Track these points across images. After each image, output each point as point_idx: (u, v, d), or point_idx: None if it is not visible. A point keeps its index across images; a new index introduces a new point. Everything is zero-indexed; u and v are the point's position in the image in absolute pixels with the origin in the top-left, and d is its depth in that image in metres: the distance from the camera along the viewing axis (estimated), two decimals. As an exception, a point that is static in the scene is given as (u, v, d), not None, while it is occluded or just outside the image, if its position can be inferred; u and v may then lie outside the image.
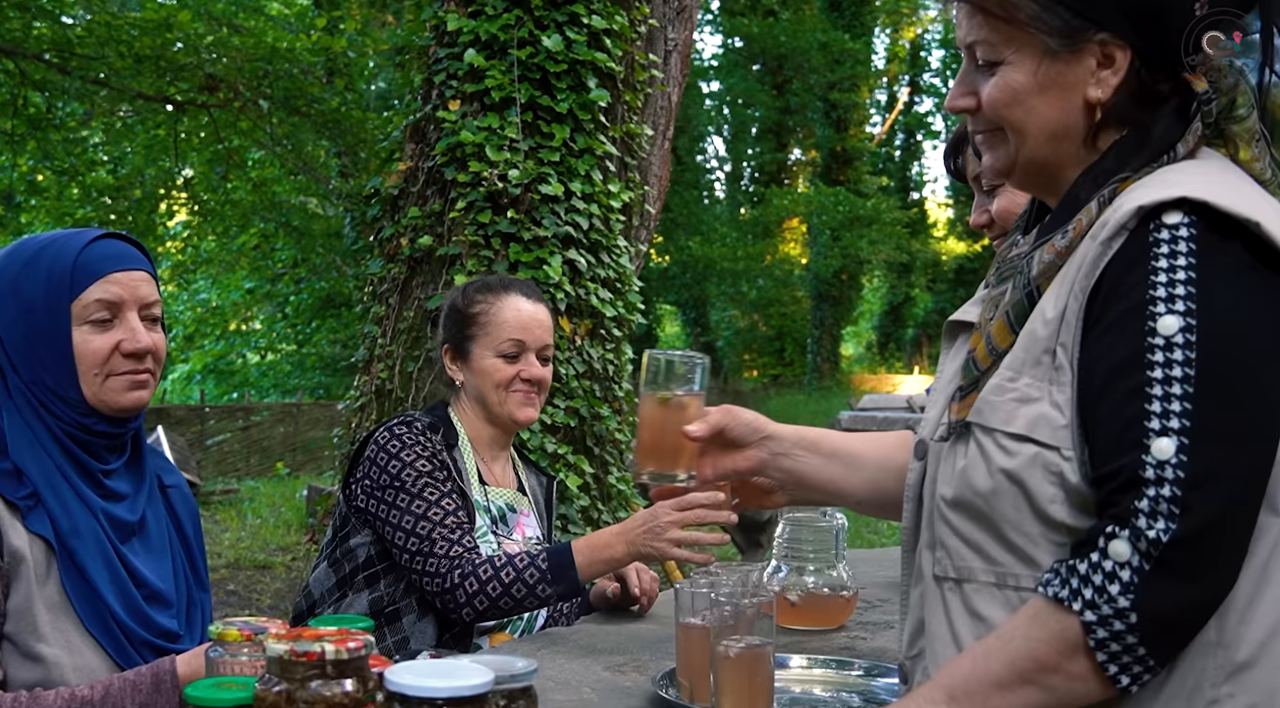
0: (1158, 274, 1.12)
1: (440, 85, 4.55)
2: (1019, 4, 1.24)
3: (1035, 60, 1.25)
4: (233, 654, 1.31)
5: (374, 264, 4.69)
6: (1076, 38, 1.22)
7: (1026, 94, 1.26)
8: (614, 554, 2.14)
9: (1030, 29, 1.24)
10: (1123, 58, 1.22)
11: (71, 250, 1.72)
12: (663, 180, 5.42)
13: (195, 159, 12.72)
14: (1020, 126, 1.28)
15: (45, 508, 1.66)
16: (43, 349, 1.70)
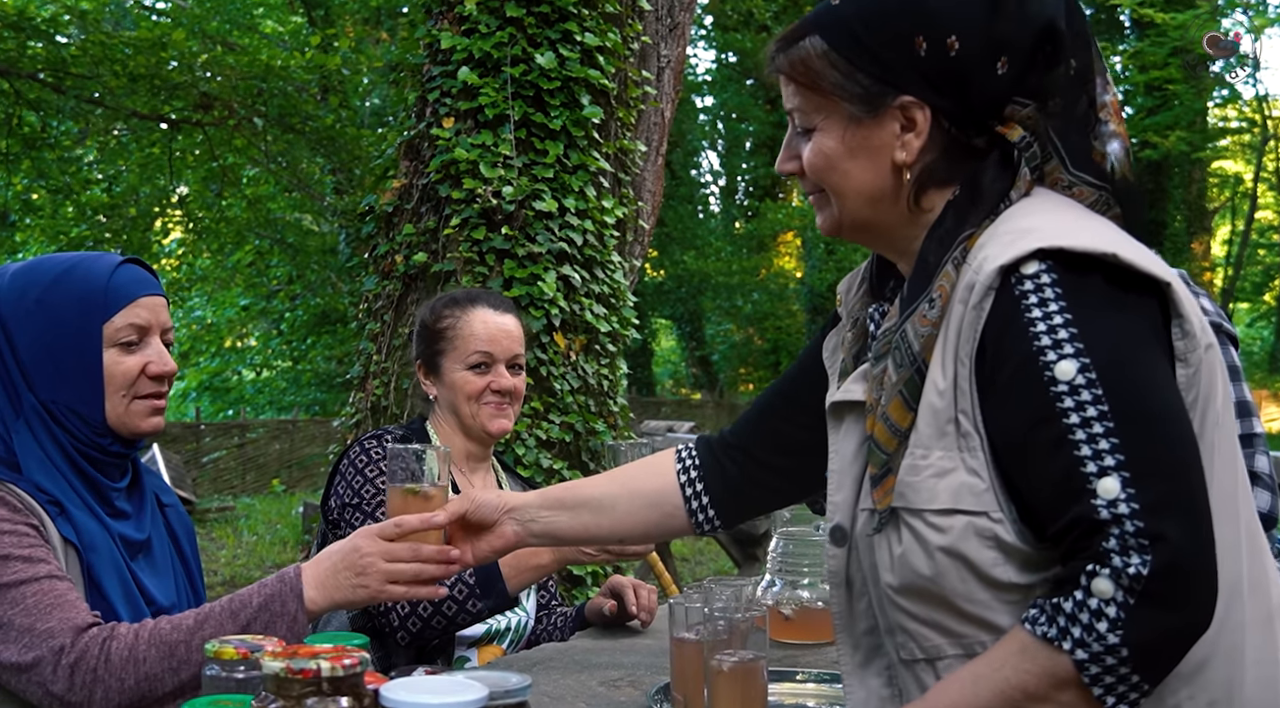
0: (1036, 324, 1.15)
1: (434, 103, 4.56)
2: (822, 73, 1.29)
3: (842, 126, 1.30)
4: (228, 672, 1.31)
5: (369, 281, 4.70)
6: (876, 103, 1.27)
7: (838, 159, 1.31)
8: (540, 561, 2.17)
9: (834, 97, 1.29)
10: (924, 119, 1.26)
11: (102, 273, 1.75)
12: (656, 196, 5.44)
13: (190, 177, 12.74)
14: (837, 189, 1.33)
15: (69, 518, 1.69)
16: (68, 368, 1.72)
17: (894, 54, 1.25)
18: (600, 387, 4.54)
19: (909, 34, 1.25)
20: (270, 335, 20.65)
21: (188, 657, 1.56)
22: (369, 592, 1.64)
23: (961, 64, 1.24)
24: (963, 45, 1.24)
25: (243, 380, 21.60)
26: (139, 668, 1.54)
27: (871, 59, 1.26)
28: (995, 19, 1.23)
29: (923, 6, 1.25)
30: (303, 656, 1.17)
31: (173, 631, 1.57)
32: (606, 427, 4.52)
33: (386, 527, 1.65)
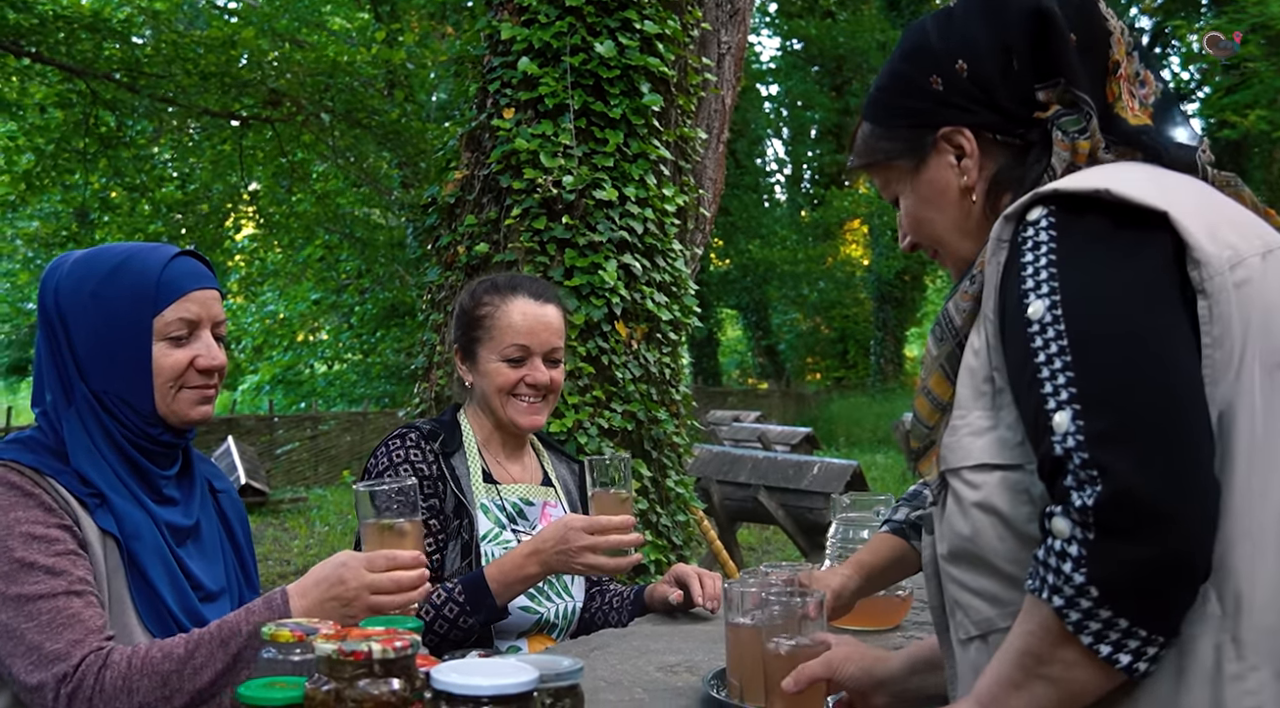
0: (1025, 268, 1.17)
1: (495, 94, 4.58)
2: (876, 148, 1.41)
3: (910, 184, 1.39)
4: (285, 655, 1.33)
5: (432, 272, 4.74)
6: (920, 146, 1.36)
7: (921, 211, 1.40)
8: (528, 574, 2.16)
9: (892, 163, 1.40)
10: (969, 141, 1.34)
11: (154, 267, 1.77)
12: (717, 183, 5.42)
13: (260, 173, 12.96)
14: (935, 239, 1.41)
15: (110, 508, 1.71)
16: (120, 360, 1.75)
17: (917, 100, 1.35)
18: (662, 375, 4.53)
19: (923, 78, 1.35)
20: (341, 329, 20.95)
21: (180, 685, 1.57)
22: (351, 620, 1.65)
23: (977, 80, 1.32)
24: (971, 65, 1.32)
25: (314, 373, 21.94)
26: (132, 698, 1.55)
27: (901, 113, 1.37)
28: (987, 29, 1.32)
29: (924, 50, 1.36)
30: (355, 638, 1.19)
31: (164, 660, 1.58)
32: (669, 415, 4.51)
33: (375, 559, 1.68)
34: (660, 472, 4.50)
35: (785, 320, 32.31)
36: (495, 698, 1.11)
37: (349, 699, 1.16)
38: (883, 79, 1.41)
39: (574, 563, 2.13)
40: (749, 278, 27.23)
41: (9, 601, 1.60)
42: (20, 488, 1.67)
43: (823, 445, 15.14)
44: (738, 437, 12.69)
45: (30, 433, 1.78)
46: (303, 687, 1.20)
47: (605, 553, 2.12)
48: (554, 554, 2.13)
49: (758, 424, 14.62)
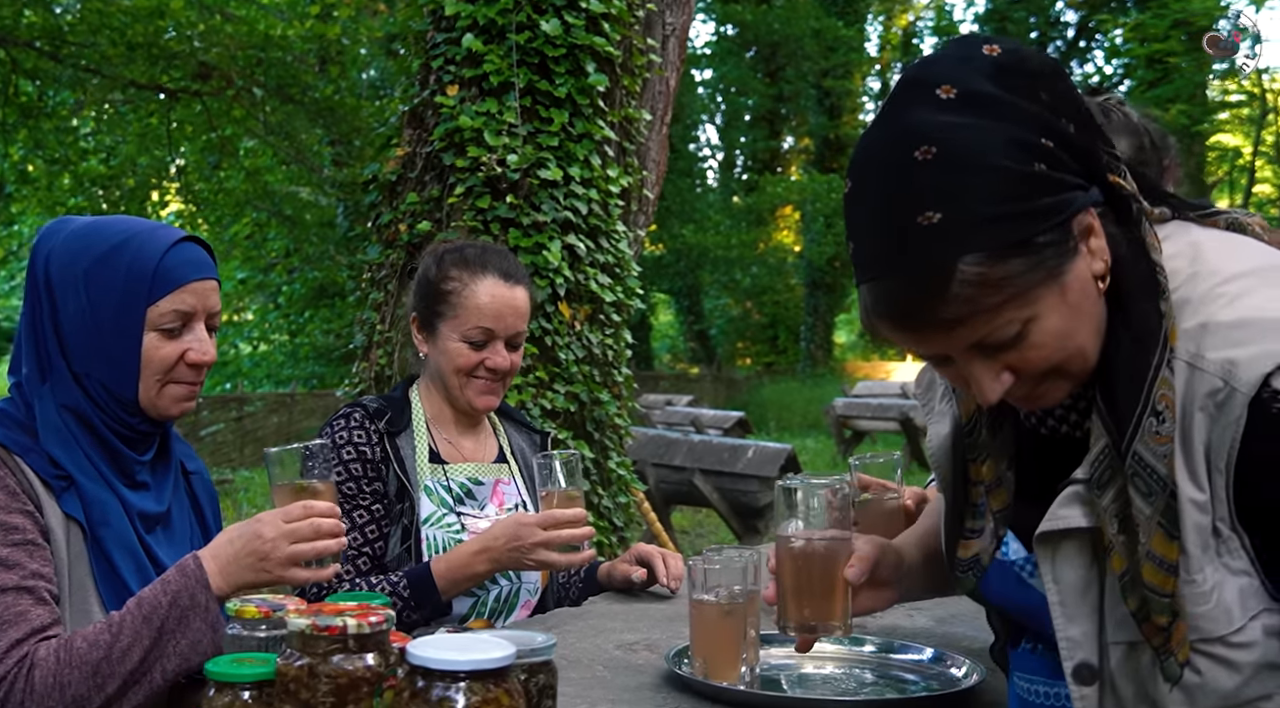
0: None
1: (438, 70, 4.52)
2: (1003, 277, 1.12)
3: (1056, 293, 1.15)
4: (250, 631, 1.31)
5: (372, 250, 4.67)
6: (1063, 242, 1.14)
7: (1072, 325, 1.17)
8: (476, 571, 2.13)
9: (1028, 281, 1.13)
10: (1094, 218, 1.17)
11: (153, 253, 1.70)
12: (660, 165, 5.41)
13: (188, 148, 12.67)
14: (1078, 352, 1.19)
15: (78, 492, 1.66)
16: (107, 347, 1.69)
17: (1037, 196, 1.12)
18: (605, 356, 4.52)
19: (1026, 171, 1.12)
20: (268, 309, 20.60)
21: (110, 671, 1.53)
22: (272, 576, 1.63)
23: (1065, 152, 1.14)
24: (1052, 139, 1.14)
25: (240, 354, 21.56)
26: (64, 693, 1.50)
27: (1031, 218, 1.12)
28: (1032, 101, 1.14)
29: (1005, 143, 1.12)
30: (328, 613, 1.17)
31: (91, 649, 1.53)
32: (611, 397, 4.51)
33: (292, 509, 1.64)
34: (602, 453, 4.50)
35: (717, 305, 32.45)
36: (473, 673, 1.10)
37: (323, 675, 1.14)
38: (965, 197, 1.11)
39: (526, 559, 2.10)
40: (682, 262, 27.29)
41: None
42: None
43: (754, 430, 15.24)
44: (670, 420, 12.74)
45: (2, 405, 1.71)
46: (273, 663, 1.18)
47: (558, 549, 2.09)
48: (505, 551, 2.10)
49: (690, 408, 14.68)
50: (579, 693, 1.60)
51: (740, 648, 1.67)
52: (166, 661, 1.55)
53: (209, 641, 1.58)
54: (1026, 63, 1.17)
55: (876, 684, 1.74)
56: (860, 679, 1.76)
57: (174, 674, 1.57)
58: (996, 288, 1.11)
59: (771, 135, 31.29)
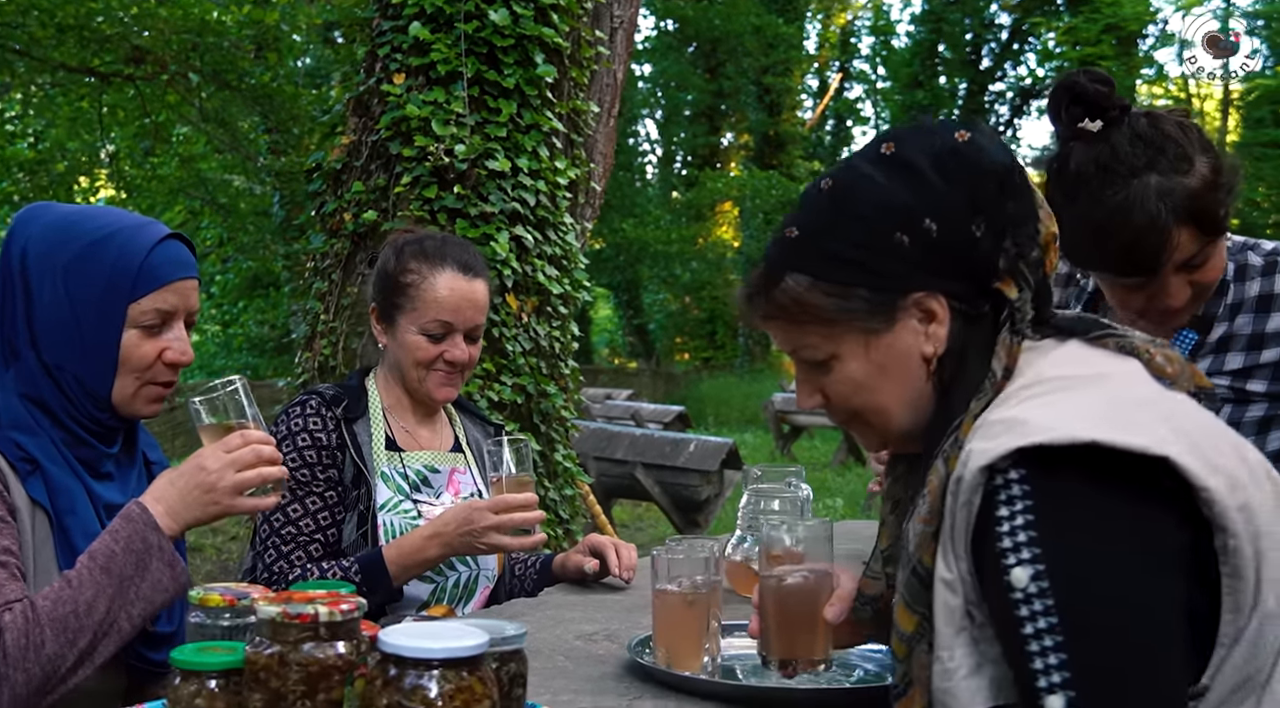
0: (1001, 524, 1.10)
1: (384, 58, 4.47)
2: (819, 304, 1.26)
3: (863, 346, 1.26)
4: (214, 620, 1.28)
5: (316, 239, 4.61)
6: (887, 310, 1.24)
7: (870, 379, 1.28)
8: (427, 556, 2.13)
9: (841, 322, 1.26)
10: (941, 307, 1.24)
11: (138, 250, 1.67)
12: (608, 158, 5.40)
13: (120, 133, 12.39)
14: (878, 409, 1.29)
15: (44, 478, 1.63)
16: (85, 342, 1.66)
17: (881, 258, 1.23)
18: (552, 348, 4.51)
19: (886, 234, 1.22)
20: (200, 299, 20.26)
21: (80, 624, 1.50)
22: (220, 507, 1.63)
23: (946, 242, 1.22)
24: (938, 225, 1.22)
25: (171, 344, 21.13)
26: (40, 653, 1.47)
27: (862, 271, 1.24)
28: (953, 189, 1.22)
29: (886, 205, 1.23)
30: (298, 601, 1.15)
31: (55, 606, 1.50)
32: (558, 389, 4.49)
33: (230, 439, 1.64)
34: (548, 446, 4.49)
35: (656, 300, 32.50)
36: (446, 661, 1.09)
37: (293, 663, 1.13)
38: (828, 233, 1.26)
39: (478, 543, 2.10)
40: (621, 257, 27.27)
41: None
42: None
43: (694, 424, 15.30)
44: (611, 414, 12.73)
45: None
46: (240, 651, 1.17)
47: (509, 532, 2.09)
48: (457, 536, 2.10)
49: (630, 402, 14.69)
50: (542, 683, 1.60)
51: (703, 638, 1.68)
52: (131, 607, 1.54)
53: (169, 580, 1.57)
54: (979, 159, 1.24)
55: (835, 673, 1.75)
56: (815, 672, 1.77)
57: (141, 619, 1.56)
58: (804, 310, 1.27)
59: (711, 131, 31.38)
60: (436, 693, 1.08)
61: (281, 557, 2.15)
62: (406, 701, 1.07)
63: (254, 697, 1.12)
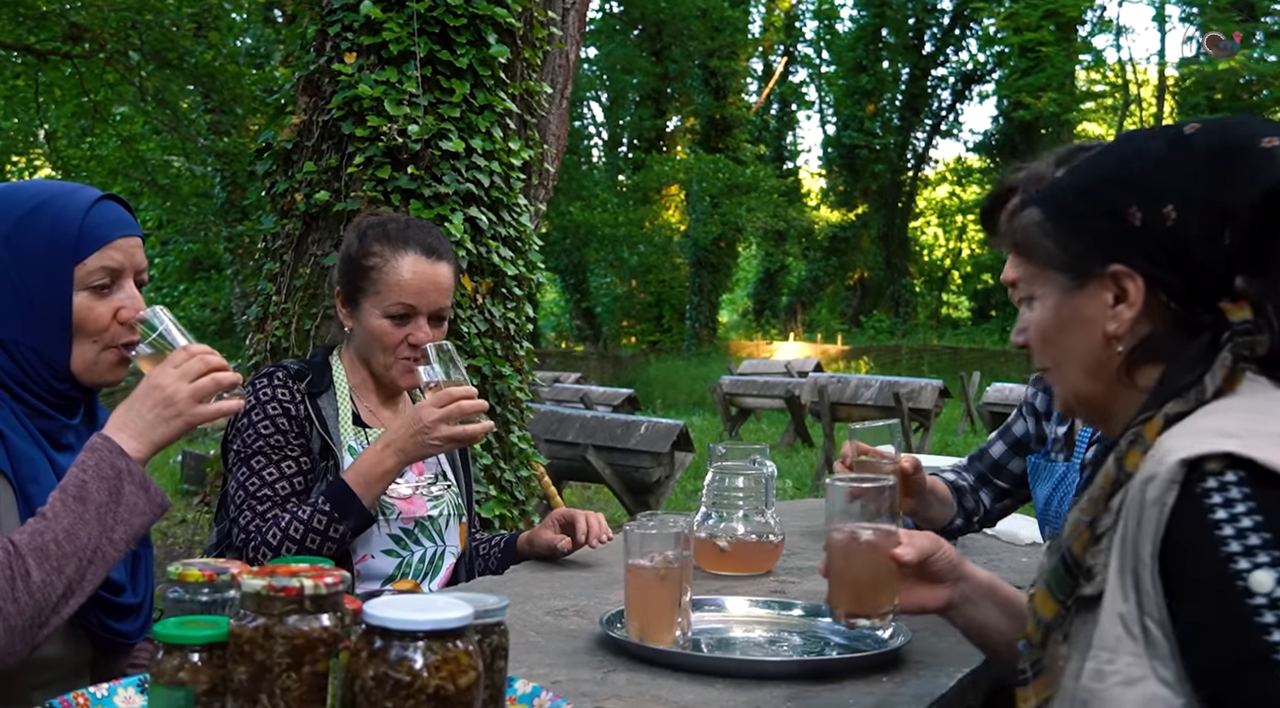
0: (1222, 526, 1.03)
1: (335, 37, 4.41)
2: (1038, 243, 1.29)
3: (1056, 297, 1.27)
4: (192, 595, 1.28)
5: (266, 220, 4.55)
6: (1084, 272, 1.24)
7: (1052, 331, 1.29)
8: (387, 467, 2.13)
9: (1047, 268, 1.28)
10: (1136, 290, 1.20)
11: (75, 212, 1.67)
12: (561, 139, 5.39)
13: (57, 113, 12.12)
14: (1053, 363, 1.31)
15: (6, 447, 1.61)
16: (36, 310, 1.64)
17: (1105, 224, 1.22)
18: (507, 330, 4.50)
19: (1121, 204, 1.20)
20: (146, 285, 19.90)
21: (61, 552, 1.49)
22: (183, 419, 1.62)
23: (1179, 235, 1.17)
24: (1180, 215, 1.17)
25: (110, 328, 20.75)
26: (27, 582, 1.46)
27: (1083, 229, 1.24)
28: (1216, 186, 1.16)
29: (1137, 177, 1.21)
30: (283, 574, 1.15)
31: (33, 537, 1.49)
32: (513, 370, 4.49)
33: (174, 355, 1.64)
34: (504, 427, 4.48)
35: (602, 284, 32.49)
36: (431, 633, 1.10)
37: (278, 636, 1.12)
38: (1079, 179, 1.27)
39: (430, 440, 2.10)
40: (568, 240, 27.23)
41: None
42: None
43: (642, 407, 15.33)
44: (560, 397, 12.73)
45: None
46: (224, 625, 1.16)
47: (457, 422, 2.09)
48: (409, 439, 2.10)
49: (579, 385, 14.69)
50: (516, 658, 1.60)
51: (675, 612, 1.70)
52: (112, 532, 1.53)
53: (144, 502, 1.57)
54: (1262, 170, 1.16)
55: (805, 646, 1.78)
56: (789, 643, 1.80)
57: (125, 544, 1.55)
58: (1026, 243, 1.30)
59: (657, 114, 31.39)
60: (422, 664, 1.08)
61: (257, 516, 2.14)
62: (393, 672, 1.08)
63: (239, 669, 1.12)
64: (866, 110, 33.51)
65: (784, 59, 35.76)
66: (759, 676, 1.60)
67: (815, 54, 37.14)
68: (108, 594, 1.68)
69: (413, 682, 1.07)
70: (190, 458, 9.65)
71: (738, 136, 30.38)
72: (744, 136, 30.97)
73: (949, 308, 39.51)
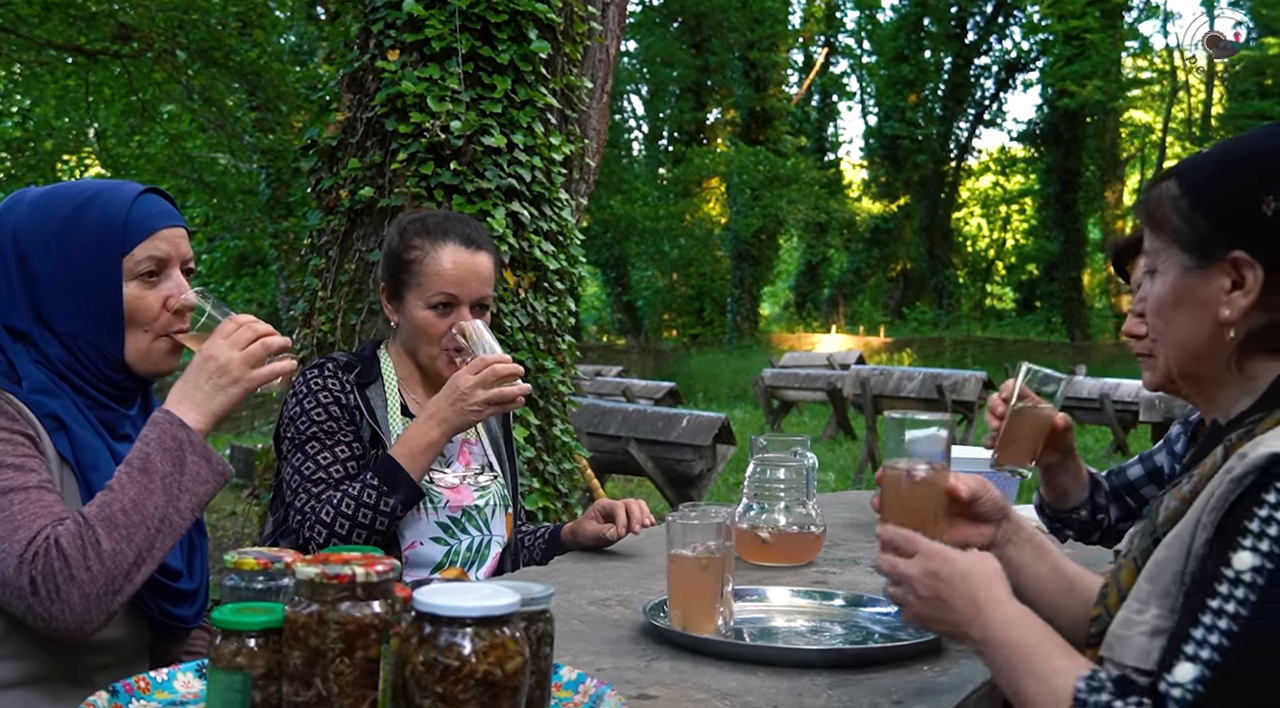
0: (1261, 508, 1.10)
1: (378, 35, 4.47)
2: (1167, 216, 1.28)
3: (1176, 273, 1.28)
4: (248, 583, 1.32)
5: (312, 216, 4.61)
6: (1207, 253, 1.24)
7: (1165, 305, 1.30)
8: (431, 438, 2.18)
9: (1172, 242, 1.28)
10: (1254, 279, 1.21)
11: (120, 205, 1.73)
12: (601, 134, 5.41)
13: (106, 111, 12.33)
14: (1161, 336, 1.32)
15: (69, 436, 1.67)
16: (89, 302, 1.70)
17: (1238, 208, 1.22)
18: (549, 324, 4.54)
19: (1257, 192, 1.21)
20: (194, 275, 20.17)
21: (129, 521, 1.55)
22: (239, 385, 1.67)
23: None
24: None
25: (159, 324, 21.05)
26: (98, 550, 1.52)
27: (1214, 209, 1.24)
28: None
29: (1273, 166, 1.22)
30: (335, 562, 1.18)
31: (102, 509, 1.55)
32: (555, 364, 4.53)
33: (223, 326, 1.70)
34: (547, 420, 4.52)
35: (644, 277, 32.50)
36: (479, 619, 1.13)
37: (331, 622, 1.16)
38: (1220, 159, 1.28)
39: (470, 407, 2.15)
40: (609, 234, 27.26)
41: None
42: None
43: (684, 400, 15.35)
44: (602, 391, 12.77)
45: None
46: (277, 612, 1.20)
47: (494, 385, 2.15)
48: (450, 408, 2.16)
49: (621, 379, 14.73)
50: (561, 646, 1.63)
51: (716, 601, 1.72)
52: (178, 501, 1.59)
53: (207, 471, 1.63)
54: None
55: (847, 635, 1.80)
56: (830, 632, 1.82)
57: (191, 513, 1.61)
58: (1159, 215, 1.30)
59: (697, 107, 31.33)
60: (470, 650, 1.12)
61: (312, 497, 2.20)
62: (442, 657, 1.11)
63: (294, 654, 1.15)
64: (908, 100, 33.29)
65: (825, 50, 35.57)
66: (801, 664, 1.62)
67: (856, 44, 36.97)
68: (165, 580, 1.73)
69: (461, 667, 1.11)
70: (239, 452, 9.79)
71: (778, 128, 30.25)
72: (784, 128, 30.84)
73: (993, 299, 39.19)
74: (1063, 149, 31.01)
